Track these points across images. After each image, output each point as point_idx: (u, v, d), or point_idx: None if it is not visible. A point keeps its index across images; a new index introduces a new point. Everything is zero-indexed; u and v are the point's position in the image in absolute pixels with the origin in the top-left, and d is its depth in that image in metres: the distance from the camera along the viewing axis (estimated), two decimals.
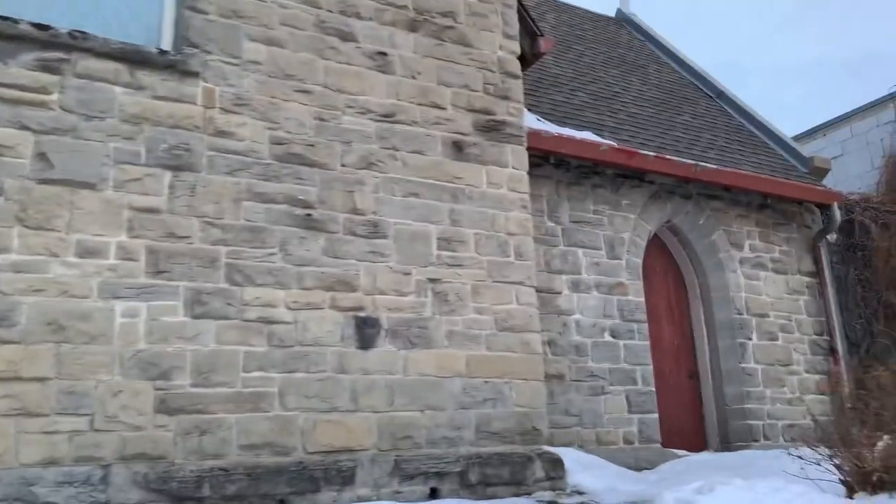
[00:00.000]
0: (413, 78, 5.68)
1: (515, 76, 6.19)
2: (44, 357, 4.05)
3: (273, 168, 4.98)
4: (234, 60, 5.01)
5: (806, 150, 12.03)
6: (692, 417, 8.03)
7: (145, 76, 4.69)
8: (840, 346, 8.70)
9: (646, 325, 7.49)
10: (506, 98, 6.08)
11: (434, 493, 4.93)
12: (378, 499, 4.66)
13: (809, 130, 12.51)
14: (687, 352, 8.18)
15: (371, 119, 5.43)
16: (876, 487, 3.79)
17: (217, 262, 4.64)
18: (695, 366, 8.16)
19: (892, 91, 11.38)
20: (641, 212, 7.84)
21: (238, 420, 4.48)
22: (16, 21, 4.36)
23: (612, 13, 12.84)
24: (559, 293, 7.07)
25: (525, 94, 7.54)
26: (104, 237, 4.36)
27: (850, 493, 3.96)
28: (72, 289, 4.20)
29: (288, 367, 4.70)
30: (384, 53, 5.59)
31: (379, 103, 5.49)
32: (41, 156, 4.29)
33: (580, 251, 7.32)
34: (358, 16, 5.57)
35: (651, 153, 7.54)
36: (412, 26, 5.78)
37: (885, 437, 3.97)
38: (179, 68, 4.80)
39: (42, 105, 4.36)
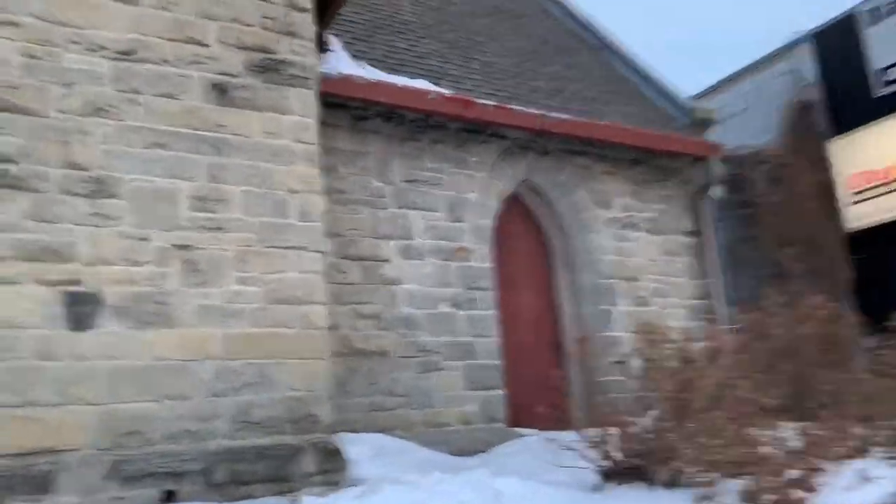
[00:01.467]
0: (164, 9, 4.80)
1: (303, 9, 5.34)
2: None
3: None
4: None
5: (710, 104, 11.38)
6: (554, 393, 7.33)
7: None
8: (722, 310, 8.06)
9: (491, 293, 6.75)
10: (290, 34, 5.23)
11: (170, 497, 4.14)
12: None
13: (714, 85, 11.84)
14: (550, 322, 7.48)
15: (104, 57, 4.55)
16: (625, 476, 3.10)
17: None
18: (559, 337, 7.46)
19: (788, 40, 10.73)
20: (491, 170, 7.08)
21: None
22: None
23: None
24: (386, 261, 6.29)
25: (357, 38, 6.75)
26: None
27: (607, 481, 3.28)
28: None
29: None
30: None
31: (115, 38, 4.61)
32: None
33: (414, 214, 6.54)
34: None
35: (490, 103, 6.75)
36: None
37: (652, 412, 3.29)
38: None
39: None
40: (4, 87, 4.23)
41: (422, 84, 6.46)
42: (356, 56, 6.55)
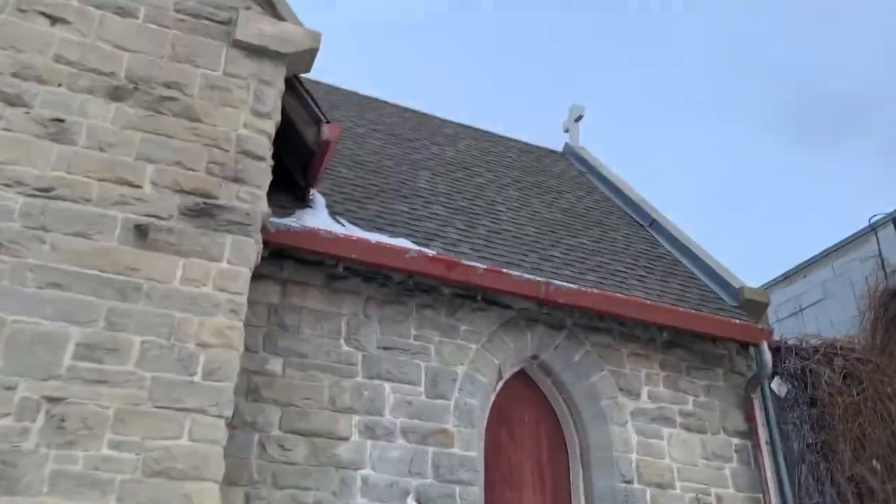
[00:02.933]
0: (101, 150, 4.61)
1: (258, 157, 5.05)
2: None
3: None
4: None
5: (785, 294, 10.24)
6: None
7: None
8: None
9: (476, 489, 5.65)
10: (238, 181, 4.90)
11: None
12: None
13: (787, 272, 10.69)
14: None
15: (21, 194, 4.32)
16: None
17: None
18: None
19: (873, 221, 9.63)
20: (488, 341, 6.24)
21: None
22: None
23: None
24: (343, 439, 5.41)
25: (351, 199, 6.47)
26: None
27: None
28: None
29: None
30: (61, 120, 4.58)
31: (39, 175, 4.40)
32: None
33: (387, 385, 5.73)
34: (39, 80, 4.65)
35: (481, 266, 6.06)
36: (116, 95, 4.80)
37: None
38: None
39: None
40: None
41: (402, 242, 5.91)
42: (339, 214, 6.16)
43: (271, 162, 5.19)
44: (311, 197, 6.13)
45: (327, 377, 5.56)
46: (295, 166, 6.18)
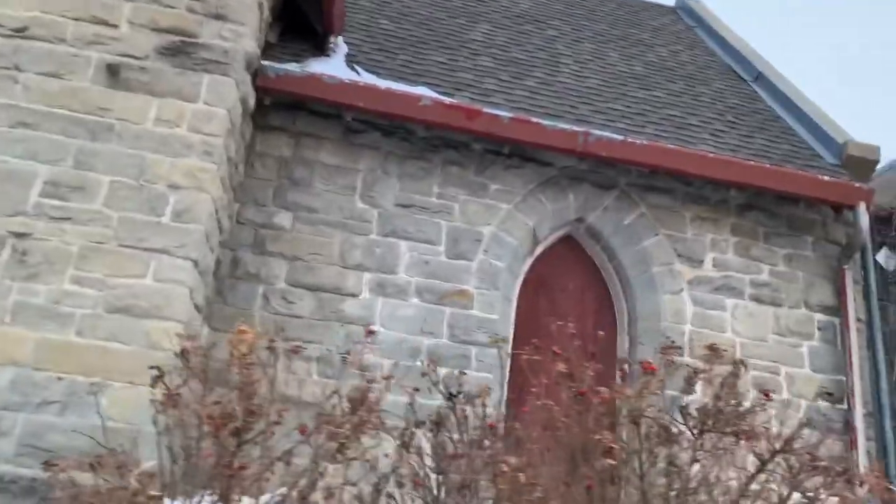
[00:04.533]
0: None
1: None
2: None
3: None
4: None
5: None
6: None
7: None
8: (860, 423, 5.61)
9: (492, 351, 5.28)
10: (220, 18, 4.61)
11: None
12: None
13: None
14: None
15: None
16: None
17: None
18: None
19: None
20: (521, 202, 5.71)
21: None
22: None
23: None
24: (352, 295, 5.20)
25: (383, 49, 6.04)
26: None
27: None
28: None
29: None
30: None
31: (14, 16, 4.33)
32: None
33: (403, 244, 5.41)
34: None
35: (506, 114, 5.45)
36: None
37: None
38: None
39: None
40: None
41: (418, 90, 5.42)
42: (359, 63, 5.74)
43: None
44: (330, 45, 5.74)
45: (338, 233, 5.32)
46: (316, 14, 5.78)
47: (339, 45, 5.86)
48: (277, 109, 5.43)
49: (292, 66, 5.22)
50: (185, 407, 2.74)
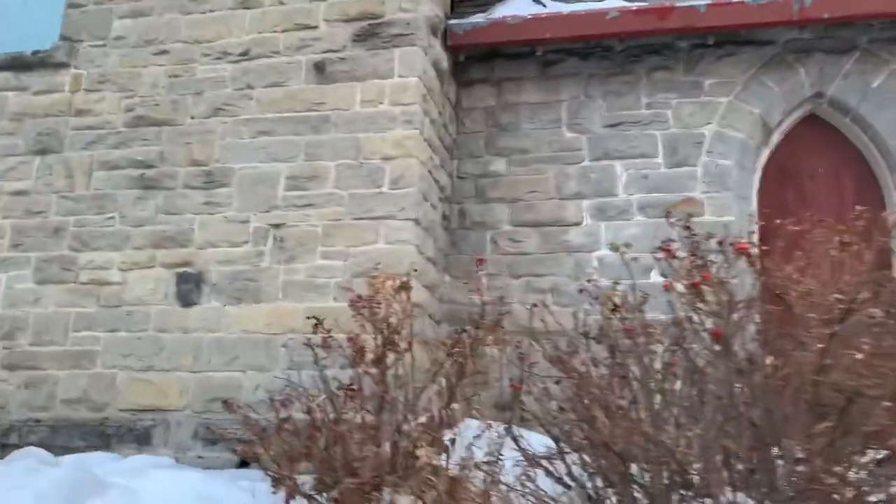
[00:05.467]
0: (281, 4, 5.10)
1: None
2: None
3: (122, 135, 5.11)
4: (100, 42, 5.32)
5: None
6: None
7: (27, 77, 5.36)
8: None
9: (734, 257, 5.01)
10: None
11: (244, 463, 4.36)
12: (178, 462, 4.38)
13: None
14: None
15: (228, 62, 5.08)
16: None
17: (62, 231, 5.01)
18: None
19: None
20: (743, 90, 5.29)
21: (64, 376, 4.76)
22: None
23: None
24: (575, 224, 5.30)
25: None
26: None
27: None
28: None
29: (112, 326, 4.78)
30: None
31: (238, 43, 5.10)
32: None
33: (617, 164, 5.35)
34: None
35: (703, 1, 5.02)
36: None
37: None
38: (50, 62, 5.33)
39: None
40: (151, 105, 5.10)
41: (605, 4, 5.24)
42: None
43: None
44: None
45: (551, 167, 5.43)
46: None
47: None
48: (474, 63, 5.66)
49: (477, 18, 5.39)
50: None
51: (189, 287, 4.73)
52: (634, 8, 5.15)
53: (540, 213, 5.36)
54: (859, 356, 2.33)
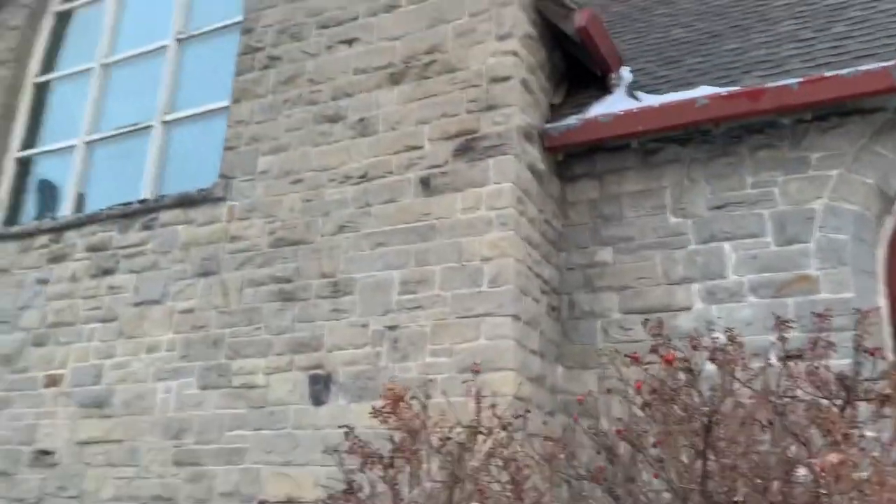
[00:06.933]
0: (392, 129, 5.73)
1: (504, 78, 5.42)
2: (120, 426, 5.96)
3: (266, 255, 5.89)
4: (249, 177, 6.23)
5: None
6: None
7: (193, 211, 6.38)
8: None
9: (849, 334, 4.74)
10: (490, 108, 5.40)
11: None
12: None
13: None
14: None
15: (350, 185, 5.75)
16: None
17: (220, 342, 5.80)
18: None
19: None
20: (853, 161, 5.12)
21: (220, 471, 5.43)
22: (130, 203, 6.70)
23: None
24: (686, 309, 5.29)
25: (668, 60, 6.21)
26: (160, 337, 6.10)
27: None
28: (139, 376, 6.05)
29: (258, 425, 5.41)
30: (363, 119, 5.86)
31: (358, 167, 5.77)
32: (136, 288, 6.39)
33: (725, 245, 5.32)
34: (347, 94, 6.05)
35: (793, 81, 4.97)
36: (396, 80, 5.86)
37: None
38: (211, 198, 6.31)
39: (140, 254, 6.50)
40: (289, 228, 5.86)
41: (699, 92, 5.34)
42: (641, 86, 5.91)
43: (522, 75, 5.48)
44: (612, 82, 6.05)
45: (657, 253, 5.49)
46: (592, 61, 6.19)
47: (622, 76, 6.13)
48: (575, 159, 5.93)
49: (571, 120, 5.70)
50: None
51: (319, 387, 5.28)
52: (725, 93, 5.22)
53: (648, 300, 5.41)
54: None
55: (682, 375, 2.84)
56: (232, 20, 7.13)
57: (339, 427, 4.59)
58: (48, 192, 8.04)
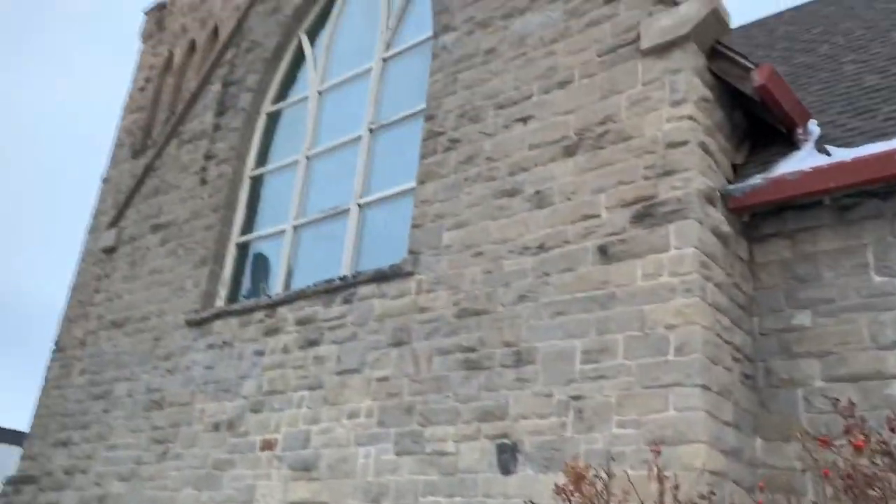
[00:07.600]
0: (568, 200, 5.87)
1: (681, 143, 5.39)
2: (326, 489, 6.41)
3: (452, 325, 6.18)
4: (434, 252, 6.63)
5: None
6: None
7: (386, 286, 6.86)
8: None
9: None
10: (667, 174, 5.38)
11: None
12: None
13: None
14: None
15: (529, 255, 5.94)
16: None
17: (413, 409, 6.12)
18: None
19: None
20: None
21: None
22: (332, 279, 7.34)
23: None
24: (894, 377, 4.83)
25: (865, 110, 5.93)
26: (359, 404, 6.54)
27: None
28: (341, 441, 6.50)
29: (449, 492, 5.60)
30: (539, 191, 6.07)
31: (535, 238, 5.95)
32: (338, 358, 6.93)
33: None
34: (523, 169, 6.31)
35: None
36: (570, 152, 6.03)
37: None
38: (401, 273, 6.76)
39: (341, 326, 7.06)
40: (472, 299, 6.13)
41: (891, 144, 4.96)
42: (830, 140, 5.60)
43: (700, 138, 5.42)
44: (799, 137, 5.80)
45: (862, 315, 5.09)
46: (776, 118, 5.98)
47: (810, 130, 5.86)
48: (763, 219, 5.70)
49: (756, 179, 5.51)
50: None
51: (507, 456, 5.38)
52: None
53: (854, 366, 5.01)
54: None
55: (879, 460, 2.64)
56: (416, 108, 7.72)
57: (526, 501, 4.69)
58: (261, 271, 9.00)
